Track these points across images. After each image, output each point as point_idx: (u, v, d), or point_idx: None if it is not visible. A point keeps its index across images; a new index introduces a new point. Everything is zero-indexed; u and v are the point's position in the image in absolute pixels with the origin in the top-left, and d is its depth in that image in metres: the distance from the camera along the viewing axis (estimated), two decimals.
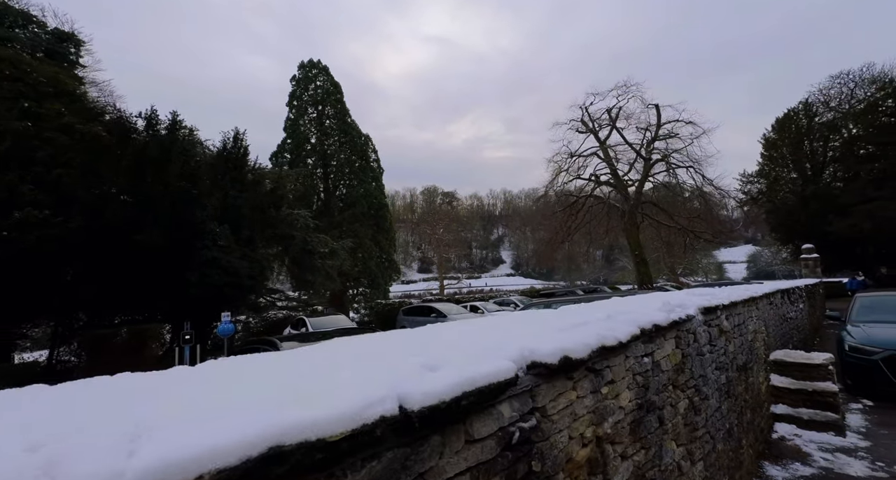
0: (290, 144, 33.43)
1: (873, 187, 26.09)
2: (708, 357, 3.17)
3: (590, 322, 2.13)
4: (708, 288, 4.63)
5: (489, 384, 1.16)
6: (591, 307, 2.62)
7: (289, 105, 34.61)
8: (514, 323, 2.13)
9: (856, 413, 5.58)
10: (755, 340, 5.18)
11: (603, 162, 24.06)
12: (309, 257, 20.43)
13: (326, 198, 34.02)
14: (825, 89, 31.27)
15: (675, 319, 2.61)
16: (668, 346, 2.57)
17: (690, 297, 3.50)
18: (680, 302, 3.04)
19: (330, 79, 35.45)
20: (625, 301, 3.07)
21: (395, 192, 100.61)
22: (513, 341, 1.54)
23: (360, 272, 33.22)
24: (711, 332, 3.38)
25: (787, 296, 7.70)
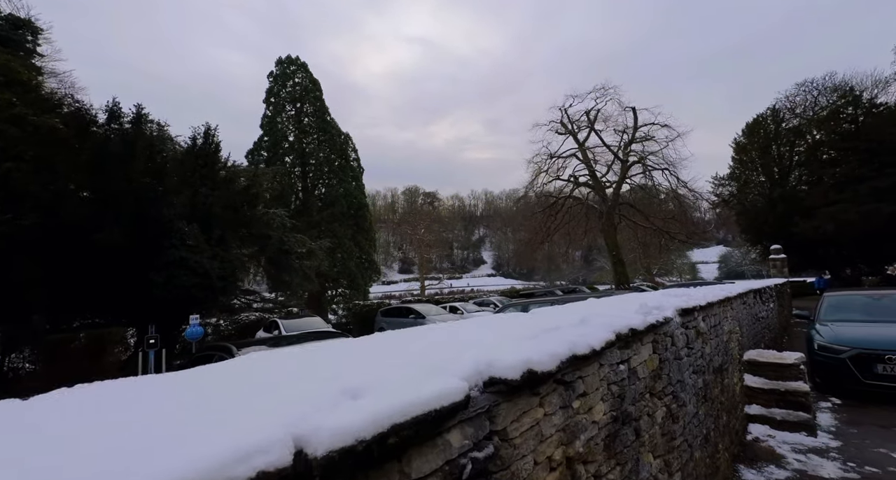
0: (266, 142, 32.57)
1: (835, 191, 27.17)
2: (685, 360, 3.03)
3: (562, 327, 1.93)
4: (684, 289, 4.53)
5: (430, 411, 0.93)
6: (565, 310, 2.43)
7: (266, 102, 33.73)
8: (477, 329, 1.91)
9: (825, 411, 5.61)
10: (730, 341, 5.13)
11: (582, 163, 24.28)
12: (286, 257, 19.86)
13: (305, 198, 33.30)
14: (791, 96, 32.47)
15: (653, 322, 2.45)
16: (645, 351, 2.40)
17: (668, 298, 3.36)
18: (657, 304, 2.89)
19: (309, 76, 34.74)
20: (601, 303, 2.91)
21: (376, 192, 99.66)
22: (470, 352, 1.32)
23: (339, 272, 32.64)
24: (689, 334, 3.24)
25: (758, 296, 7.78)
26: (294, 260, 19.61)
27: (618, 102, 23.32)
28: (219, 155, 16.87)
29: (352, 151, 39.57)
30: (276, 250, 18.90)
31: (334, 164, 34.28)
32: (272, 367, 1.20)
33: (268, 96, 33.82)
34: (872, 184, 25.64)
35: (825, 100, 30.67)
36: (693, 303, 3.45)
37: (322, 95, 35.20)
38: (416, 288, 51.33)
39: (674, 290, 4.15)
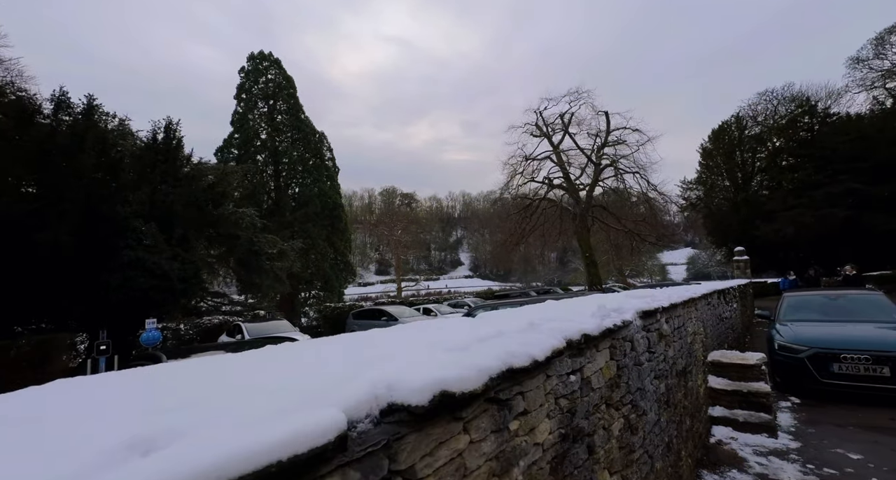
0: (237, 139, 31.48)
1: (794, 196, 28.42)
2: (646, 366, 2.86)
3: (505, 333, 1.69)
4: (648, 290, 4.42)
5: (272, 464, 0.66)
6: (515, 314, 2.21)
7: (237, 98, 32.64)
8: (397, 338, 1.64)
9: (785, 411, 5.63)
10: (694, 342, 5.07)
11: (556, 165, 24.47)
12: (255, 258, 19.12)
13: (278, 197, 32.36)
14: (753, 105, 33.87)
15: (610, 326, 2.25)
16: (601, 358, 2.20)
17: (629, 300, 3.20)
18: (617, 306, 2.71)
19: (282, 72, 33.84)
20: (556, 306, 2.71)
21: (353, 193, 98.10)
22: (372, 371, 1.06)
23: (312, 274, 31.86)
24: (650, 338, 3.09)
25: (722, 297, 7.85)
26: (264, 261, 18.91)
27: (591, 106, 23.66)
28: (181, 150, 16.11)
29: (327, 150, 38.81)
30: (246, 251, 18.17)
31: (308, 163, 33.48)
32: (65, 398, 0.90)
33: (239, 92, 32.75)
34: (827, 189, 26.94)
35: (784, 110, 32.10)
36: (655, 305, 3.31)
37: (296, 93, 34.35)
38: (392, 289, 50.76)
39: (637, 292, 4.02)
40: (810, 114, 30.51)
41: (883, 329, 6.23)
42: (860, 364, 5.67)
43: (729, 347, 7.74)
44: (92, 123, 11.87)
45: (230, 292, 25.11)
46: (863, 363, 5.66)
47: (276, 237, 21.09)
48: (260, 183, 31.63)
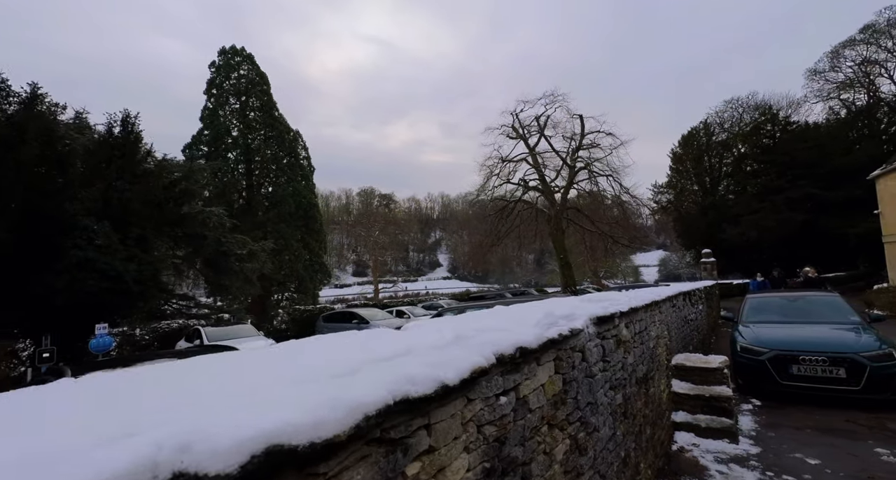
0: (207, 136, 30.32)
1: (757, 200, 29.47)
2: (600, 377, 2.64)
3: (416, 350, 1.41)
4: (611, 293, 4.25)
5: None
6: (444, 324, 1.93)
7: (207, 93, 31.45)
8: (265, 361, 1.31)
9: (746, 414, 5.58)
10: (658, 346, 4.93)
11: (532, 167, 24.52)
12: (224, 259, 18.32)
13: (249, 196, 31.33)
14: (720, 112, 35.04)
15: (555, 336, 2.00)
16: (544, 373, 1.95)
17: (584, 305, 2.98)
18: (567, 313, 2.47)
19: (255, 68, 32.85)
20: (501, 313, 2.45)
21: (330, 193, 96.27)
22: (169, 418, 0.75)
23: (286, 275, 30.98)
24: (606, 346, 2.87)
25: (688, 298, 7.83)
26: (234, 262, 18.15)
27: (566, 109, 23.81)
28: (140, 145, 15.27)
29: (302, 149, 37.93)
30: (214, 251, 17.38)
31: (282, 162, 32.58)
32: None
33: (209, 87, 31.58)
34: (787, 194, 28.04)
35: (748, 117, 33.30)
36: (613, 310, 3.10)
37: (270, 89, 33.40)
38: (369, 291, 50.01)
39: (596, 295, 3.82)
40: (772, 122, 31.76)
41: (839, 330, 6.29)
42: (818, 365, 5.68)
43: (694, 349, 7.72)
44: (35, 114, 11.00)
45: (199, 294, 24.09)
46: (820, 364, 5.67)
47: (246, 237, 20.29)
48: (231, 181, 30.57)
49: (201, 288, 23.54)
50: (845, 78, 30.88)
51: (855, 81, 30.52)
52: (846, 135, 28.93)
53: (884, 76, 29.78)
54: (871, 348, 5.59)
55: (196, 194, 18.99)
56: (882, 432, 4.79)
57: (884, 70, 29.66)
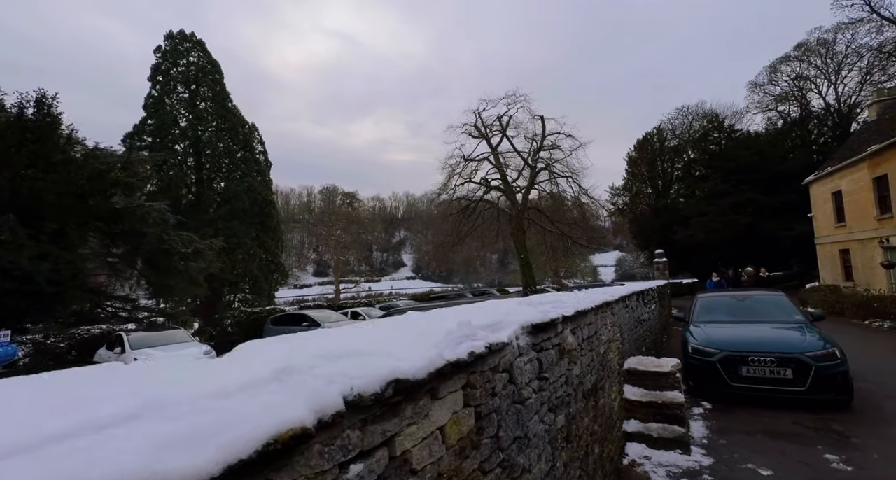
0: (151, 126, 28.02)
1: (705, 203, 30.83)
2: (534, 400, 2.11)
3: (164, 406, 0.79)
4: (556, 294, 3.79)
5: None
6: (274, 350, 1.29)
7: (152, 79, 29.08)
8: None
9: (698, 419, 5.33)
10: (609, 351, 4.54)
11: (494, 167, 24.31)
12: (167, 258, 16.71)
13: (199, 192, 29.23)
14: (672, 119, 36.52)
15: (462, 358, 1.44)
16: (443, 411, 1.38)
17: (520, 309, 2.46)
18: (493, 321, 1.93)
19: (207, 56, 30.75)
20: (396, 325, 1.87)
21: (290, 190, 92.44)
22: None
23: (238, 276, 29.14)
24: (545, 358, 2.36)
25: (641, 298, 7.62)
26: (177, 261, 16.58)
27: (528, 110, 23.78)
28: (58, 129, 13.57)
29: (258, 143, 35.99)
30: (155, 249, 15.79)
31: (236, 156, 30.67)
32: None
33: (154, 73, 29.22)
34: (731, 198, 29.49)
35: (697, 125, 34.86)
36: (555, 314, 2.60)
37: (223, 79, 31.38)
38: (330, 291, 48.35)
39: (540, 297, 3.34)
40: (719, 130, 33.42)
41: (786, 330, 6.23)
42: (766, 366, 5.54)
43: (647, 350, 7.52)
44: None
45: (144, 296, 22.05)
46: (768, 365, 5.53)
47: (192, 235, 18.64)
48: (178, 175, 28.40)
49: (146, 289, 21.58)
50: (781, 91, 33.00)
51: (790, 95, 32.66)
52: (783, 144, 30.87)
53: (814, 91, 32.08)
54: (816, 348, 5.51)
55: (135, 187, 17.26)
56: (829, 435, 4.64)
57: (814, 85, 31.93)
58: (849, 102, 30.21)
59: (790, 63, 32.07)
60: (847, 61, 29.86)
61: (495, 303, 2.74)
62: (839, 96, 30.77)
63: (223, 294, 28.59)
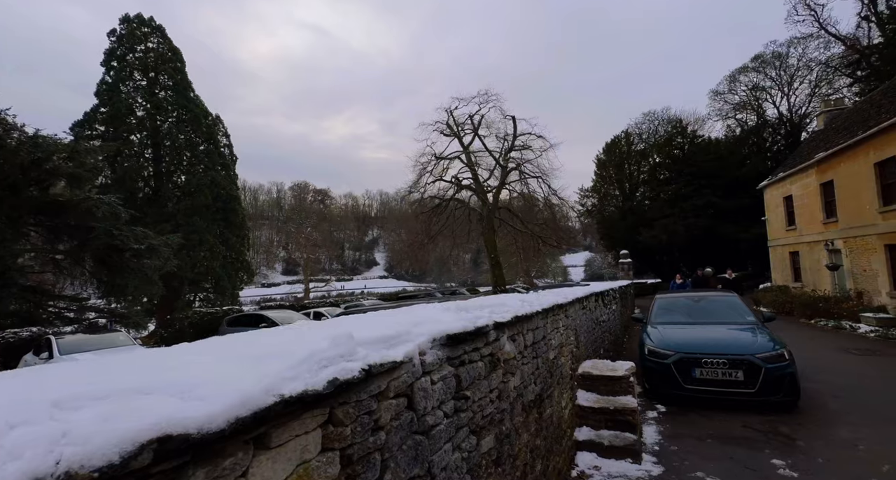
0: (104, 114, 26.22)
1: (668, 206, 31.73)
2: (444, 427, 1.77)
3: None
4: (499, 297, 3.48)
5: None
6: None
7: (105, 65, 27.22)
8: None
9: (651, 423, 5.18)
10: (560, 355, 4.30)
11: (466, 166, 24.08)
12: (118, 255, 15.54)
13: (158, 185, 27.63)
14: (639, 123, 37.46)
15: (312, 390, 1.07)
16: (282, 463, 1.01)
17: (441, 316, 2.11)
18: (392, 334, 1.57)
19: (167, 42, 29.09)
20: (225, 344, 1.47)
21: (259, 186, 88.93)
22: None
23: (200, 274, 27.69)
24: (466, 374, 2.03)
25: (601, 299, 7.50)
26: (130, 258, 15.42)
27: (500, 110, 23.67)
28: None
29: (223, 136, 34.42)
30: (104, 246, 14.62)
31: (199, 149, 29.17)
32: None
33: (108, 58, 27.37)
34: (693, 202, 30.47)
35: (662, 130, 35.87)
36: (485, 321, 2.27)
37: (185, 68, 29.77)
38: (300, 290, 47.00)
39: (477, 300, 3.01)
40: (682, 135, 34.50)
41: (738, 331, 6.21)
42: (718, 369, 5.46)
43: (605, 352, 7.40)
44: None
45: (97, 296, 20.51)
46: (721, 367, 5.45)
47: (146, 230, 17.42)
48: (134, 167, 26.67)
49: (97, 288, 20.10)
50: (740, 100, 34.42)
51: (747, 104, 34.11)
52: (740, 151, 32.18)
53: (769, 101, 33.64)
54: (766, 349, 5.48)
55: (83, 179, 15.97)
56: (776, 438, 4.57)
57: (769, 96, 33.48)
58: (800, 112, 31.83)
59: (748, 73, 33.48)
60: (798, 74, 31.46)
61: (412, 310, 2.39)
62: (791, 107, 32.38)
63: (183, 293, 27.11)
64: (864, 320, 11.47)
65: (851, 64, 26.69)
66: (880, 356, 8.30)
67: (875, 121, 12.31)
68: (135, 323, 18.72)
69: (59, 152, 14.60)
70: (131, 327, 18.28)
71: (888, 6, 24.17)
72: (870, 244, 12.67)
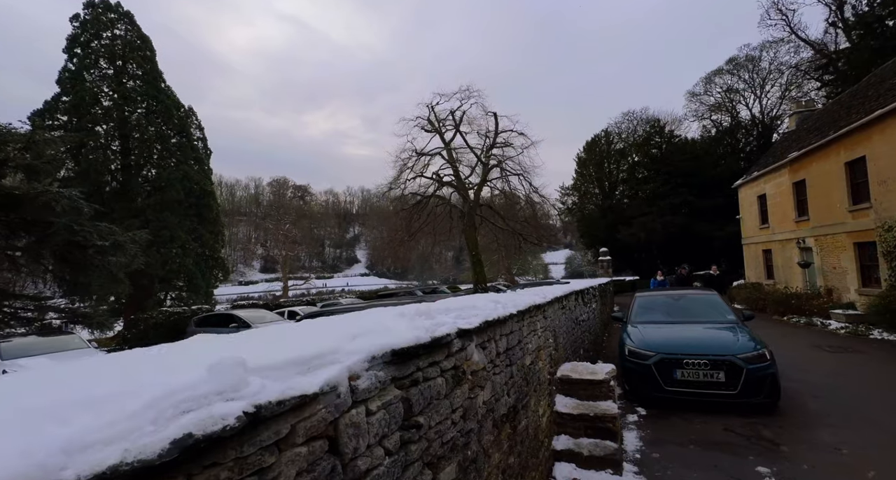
0: (66, 103, 24.73)
1: (647, 204, 32.12)
2: (385, 469, 1.39)
3: None
4: (470, 298, 3.12)
5: None
6: None
7: (68, 51, 25.70)
8: None
9: (632, 428, 4.94)
10: (538, 360, 3.98)
11: (447, 162, 23.69)
12: (80, 252, 14.47)
13: (125, 179, 26.31)
14: (618, 123, 37.81)
15: (138, 459, 0.69)
16: None
17: (391, 324, 1.72)
18: (321, 350, 1.20)
19: (136, 30, 27.66)
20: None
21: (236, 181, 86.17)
22: None
23: (172, 271, 26.50)
24: (419, 396, 1.65)
25: (580, 297, 7.25)
26: (93, 255, 14.42)
27: (481, 106, 23.36)
28: None
29: (196, 129, 33.14)
30: (65, 242, 13.60)
31: (170, 142, 27.87)
32: None
33: (71, 45, 25.86)
34: (670, 200, 30.91)
35: (641, 130, 36.30)
36: (446, 330, 1.91)
37: (155, 57, 28.40)
38: (279, 288, 45.80)
39: (443, 303, 2.64)
40: (660, 135, 34.97)
41: (719, 330, 6.05)
42: (700, 370, 5.27)
43: (585, 352, 7.16)
44: None
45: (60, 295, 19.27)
46: (702, 368, 5.26)
47: (112, 226, 16.35)
48: (100, 160, 25.28)
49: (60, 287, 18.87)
50: (715, 102, 35.10)
51: (722, 105, 34.81)
52: (716, 151, 32.83)
53: (742, 103, 34.41)
54: (747, 349, 5.31)
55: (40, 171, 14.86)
56: (759, 442, 4.38)
57: (742, 98, 34.25)
58: (771, 115, 32.67)
59: (723, 76, 34.15)
60: (770, 77, 32.26)
61: (358, 318, 2.00)
62: (763, 109, 33.19)
63: (154, 292, 25.92)
64: (833, 316, 11.67)
65: (820, 68, 27.47)
66: (852, 353, 8.36)
67: (845, 122, 12.52)
68: (99, 324, 17.61)
69: (13, 142, 13.51)
70: (95, 328, 17.22)
71: (854, 13, 24.93)
72: (840, 242, 12.92)
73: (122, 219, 22.26)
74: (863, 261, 12.18)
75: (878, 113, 10.70)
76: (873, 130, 11.17)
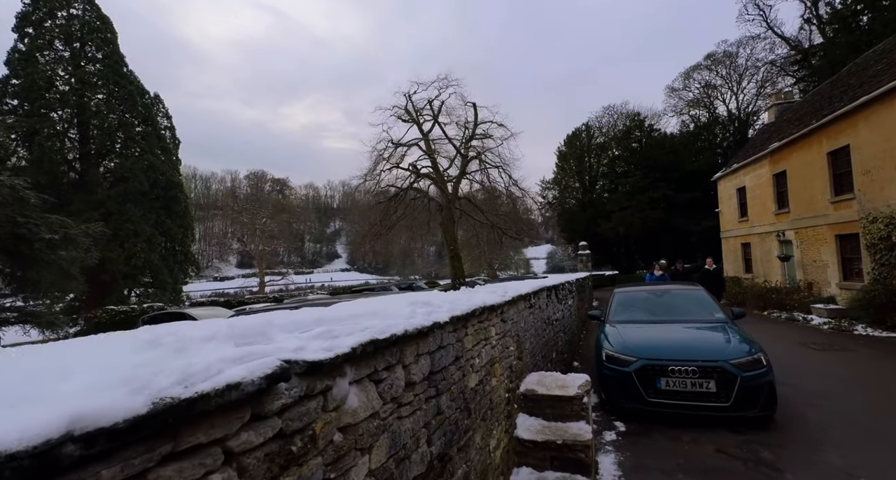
0: (16, 86, 22.68)
1: (626, 199, 31.73)
2: None
3: None
4: (375, 301, 2.17)
5: None
6: None
7: (18, 30, 23.53)
8: None
9: (608, 450, 4.09)
10: (490, 377, 3.07)
11: (425, 154, 22.62)
12: (27, 246, 12.93)
13: (84, 169, 24.40)
14: (599, 117, 37.31)
15: None
16: None
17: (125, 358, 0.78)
18: None
19: (95, 10, 25.63)
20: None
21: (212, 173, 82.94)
22: None
23: (136, 267, 24.78)
24: None
25: (554, 294, 6.39)
26: (42, 249, 12.92)
27: (460, 96, 22.31)
28: None
29: (163, 117, 31.15)
30: (9, 235, 12.08)
31: (134, 130, 26.00)
32: None
33: (21, 23, 23.74)
34: (649, 194, 30.57)
35: (621, 124, 35.87)
36: (256, 368, 0.95)
37: (116, 39, 26.42)
38: (255, 284, 44.06)
39: (356, 304, 1.68)
40: (640, 129, 34.61)
41: (707, 331, 5.25)
42: (687, 378, 4.45)
43: (559, 355, 6.31)
44: None
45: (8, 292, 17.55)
46: (690, 376, 4.44)
47: (63, 218, 14.74)
48: (55, 148, 23.28)
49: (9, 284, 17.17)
50: (693, 97, 34.90)
51: (700, 101, 34.63)
52: (694, 146, 32.65)
53: (719, 99, 34.29)
54: (741, 354, 4.52)
55: None
56: (759, 468, 3.58)
57: (720, 94, 34.12)
58: (747, 110, 32.60)
59: (701, 71, 33.91)
60: (747, 73, 32.14)
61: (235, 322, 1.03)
62: (739, 105, 33.11)
63: (116, 289, 24.17)
64: (815, 311, 11.19)
65: (795, 63, 27.38)
66: (840, 351, 7.77)
67: (828, 110, 12.01)
68: (48, 324, 16.02)
69: None
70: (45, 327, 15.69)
71: (828, 8, 24.81)
72: (820, 234, 12.47)
73: (80, 211, 20.56)
74: (844, 254, 11.74)
75: (864, 99, 10.15)
76: (858, 117, 10.64)
